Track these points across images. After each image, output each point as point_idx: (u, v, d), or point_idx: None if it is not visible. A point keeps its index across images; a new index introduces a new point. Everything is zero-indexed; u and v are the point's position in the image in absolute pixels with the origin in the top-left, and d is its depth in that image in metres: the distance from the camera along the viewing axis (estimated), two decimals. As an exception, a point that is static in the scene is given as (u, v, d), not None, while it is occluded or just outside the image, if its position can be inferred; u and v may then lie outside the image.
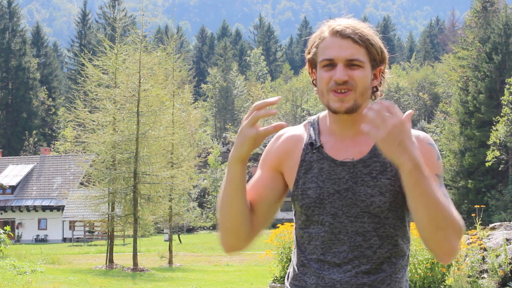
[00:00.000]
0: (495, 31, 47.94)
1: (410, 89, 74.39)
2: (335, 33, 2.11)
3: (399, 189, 2.12)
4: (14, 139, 73.70)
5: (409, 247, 2.23)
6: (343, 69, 2.08)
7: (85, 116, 22.98)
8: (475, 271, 9.36)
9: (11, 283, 13.92)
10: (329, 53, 2.10)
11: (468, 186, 45.51)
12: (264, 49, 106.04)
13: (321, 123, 2.26)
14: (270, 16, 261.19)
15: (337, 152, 2.17)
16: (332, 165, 2.16)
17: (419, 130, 2.21)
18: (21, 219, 51.27)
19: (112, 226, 23.34)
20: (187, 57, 60.20)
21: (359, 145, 2.17)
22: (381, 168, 2.13)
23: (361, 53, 2.09)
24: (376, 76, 2.17)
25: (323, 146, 2.19)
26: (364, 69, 2.10)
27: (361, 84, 2.09)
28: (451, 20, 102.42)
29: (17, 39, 77.81)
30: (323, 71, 2.12)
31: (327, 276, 2.12)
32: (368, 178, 2.12)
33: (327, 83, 2.10)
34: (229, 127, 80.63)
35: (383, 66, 2.17)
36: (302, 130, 2.28)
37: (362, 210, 2.12)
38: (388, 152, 1.92)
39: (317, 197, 2.15)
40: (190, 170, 25.43)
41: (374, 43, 2.12)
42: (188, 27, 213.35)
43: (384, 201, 2.11)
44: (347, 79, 2.07)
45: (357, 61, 2.08)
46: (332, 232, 2.13)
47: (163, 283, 16.49)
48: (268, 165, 2.26)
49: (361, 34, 2.10)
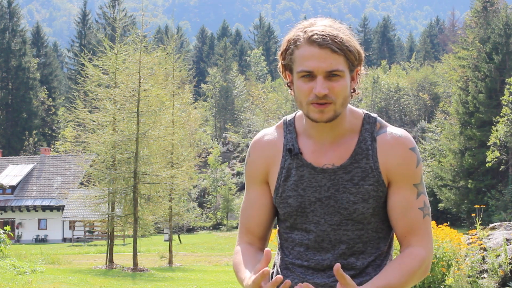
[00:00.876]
0: (495, 31, 47.93)
1: (410, 89, 74.35)
2: (312, 42, 2.02)
3: (382, 194, 2.10)
4: (14, 139, 73.68)
5: (392, 244, 2.23)
6: (323, 82, 2.01)
7: (85, 116, 22.98)
8: (475, 271, 9.36)
9: (11, 283, 13.91)
10: (308, 65, 2.01)
11: (468, 186, 45.50)
12: (264, 49, 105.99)
13: (297, 124, 2.20)
14: (270, 16, 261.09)
15: (317, 158, 2.13)
16: (312, 172, 2.12)
17: (401, 129, 2.16)
18: (21, 219, 51.26)
19: (112, 226, 23.34)
20: (187, 57, 60.21)
21: (339, 149, 2.12)
22: (362, 174, 2.09)
23: (341, 62, 2.02)
24: (354, 78, 2.10)
25: (302, 152, 2.14)
26: (343, 79, 2.03)
27: (341, 95, 2.04)
28: (451, 20, 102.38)
29: (17, 39, 77.77)
30: (301, 81, 2.05)
31: (311, 281, 2.11)
32: (350, 185, 2.09)
33: (306, 95, 2.04)
34: (229, 127, 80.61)
35: (359, 67, 2.11)
36: (277, 133, 2.23)
37: (345, 218, 2.10)
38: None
39: (298, 206, 2.12)
40: (190, 170, 25.42)
41: (352, 48, 2.04)
42: (188, 27, 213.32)
43: (368, 207, 2.09)
44: (327, 92, 2.01)
45: (337, 72, 2.01)
46: (315, 241, 2.11)
47: (163, 283, 16.48)
48: (258, 180, 2.22)
49: (340, 42, 2.01)
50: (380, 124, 2.16)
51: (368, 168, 2.09)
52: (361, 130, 2.14)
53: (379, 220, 2.14)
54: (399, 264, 2.06)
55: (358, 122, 2.15)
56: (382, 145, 2.11)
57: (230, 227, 53.88)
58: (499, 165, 43.78)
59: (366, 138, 2.12)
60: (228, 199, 54.18)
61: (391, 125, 2.17)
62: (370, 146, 2.11)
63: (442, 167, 47.52)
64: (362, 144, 2.11)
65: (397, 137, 2.12)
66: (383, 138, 2.12)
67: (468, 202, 44.01)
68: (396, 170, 2.09)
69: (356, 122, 2.15)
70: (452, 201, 46.05)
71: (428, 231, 2.12)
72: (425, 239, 2.10)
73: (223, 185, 55.72)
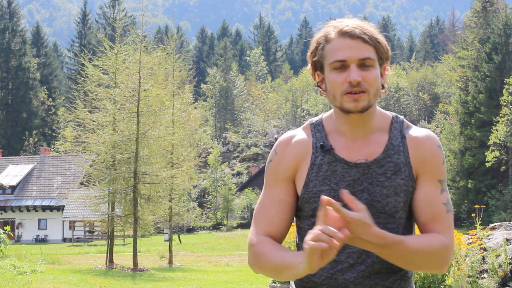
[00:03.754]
0: (495, 31, 47.94)
1: (410, 89, 74.38)
2: (344, 34, 2.09)
3: (411, 189, 2.15)
4: (14, 139, 73.68)
5: None
6: (357, 70, 2.06)
7: (85, 116, 22.98)
8: (475, 271, 9.36)
9: (11, 283, 13.91)
10: (341, 54, 2.07)
11: (468, 186, 45.50)
12: (264, 49, 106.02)
13: (326, 124, 2.23)
14: (270, 16, 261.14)
15: (349, 153, 2.16)
16: (345, 167, 2.15)
17: (427, 129, 2.23)
18: (21, 219, 51.25)
19: (112, 226, 23.34)
20: (187, 57, 60.17)
21: (371, 144, 2.17)
22: (395, 168, 2.14)
23: (372, 52, 2.09)
24: (382, 73, 2.16)
25: (333, 148, 2.17)
26: (375, 69, 2.10)
27: (374, 84, 2.09)
28: (451, 20, 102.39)
29: (17, 39, 77.77)
30: (334, 73, 2.10)
31: (340, 277, 2.12)
32: (382, 178, 2.13)
33: (340, 86, 2.08)
34: (229, 127, 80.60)
35: (387, 64, 2.18)
36: (304, 133, 2.25)
37: (378, 211, 2.12)
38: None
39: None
40: (190, 170, 25.42)
41: (381, 41, 2.12)
42: (188, 27, 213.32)
43: (399, 201, 2.13)
44: (361, 80, 2.06)
45: (369, 60, 2.08)
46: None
47: (163, 283, 16.49)
48: (282, 178, 2.22)
49: (370, 34, 2.09)
50: (407, 124, 2.24)
51: (400, 163, 2.15)
52: (390, 128, 2.20)
53: (407, 217, 2.19)
54: (419, 235, 2.11)
55: (387, 121, 2.22)
56: (412, 141, 2.18)
57: (230, 227, 53.88)
58: (499, 165, 43.79)
59: (396, 135, 2.19)
60: (228, 199, 54.17)
61: (415, 126, 2.26)
62: (401, 142, 2.18)
63: (442, 167, 47.49)
64: (393, 140, 2.18)
65: (426, 134, 2.20)
66: (412, 135, 2.20)
67: (468, 202, 44.02)
68: (424, 165, 2.16)
69: (385, 121, 2.22)
70: (452, 201, 45.63)
71: (451, 226, 2.14)
72: (447, 231, 2.11)
73: (223, 185, 55.71)
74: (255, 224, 2.23)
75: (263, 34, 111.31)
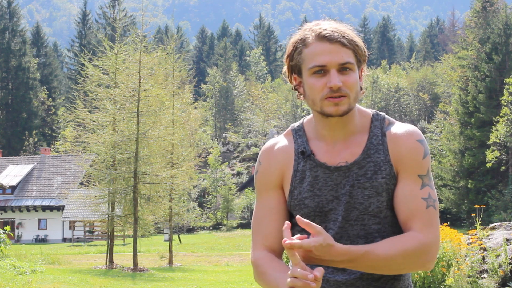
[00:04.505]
0: (494, 31, 47.93)
1: (410, 89, 74.35)
2: (323, 38, 2.07)
3: (393, 187, 2.13)
4: (14, 139, 73.68)
5: None
6: (337, 75, 2.05)
7: (85, 116, 22.98)
8: (475, 271, 9.36)
9: (11, 283, 13.91)
10: (321, 59, 2.06)
11: (468, 186, 45.49)
12: (264, 49, 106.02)
13: (307, 129, 2.23)
14: (270, 16, 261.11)
15: (330, 157, 2.16)
16: (326, 171, 2.14)
17: (409, 124, 2.20)
18: (21, 219, 51.25)
19: (112, 226, 23.34)
20: (187, 57, 60.19)
21: (351, 146, 2.16)
22: (375, 168, 2.13)
23: (351, 56, 2.08)
24: (360, 76, 2.15)
25: (314, 153, 2.17)
26: (354, 72, 2.09)
27: (354, 88, 2.08)
28: (451, 20, 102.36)
29: (17, 39, 77.76)
30: (313, 78, 2.08)
31: (332, 279, 2.12)
32: (363, 179, 2.12)
33: (320, 91, 2.07)
34: (229, 127, 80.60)
35: (364, 66, 2.16)
36: (287, 140, 2.24)
37: (361, 213, 2.12)
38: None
39: (316, 206, 2.14)
40: (190, 170, 25.42)
41: (359, 44, 2.11)
42: (188, 27, 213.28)
43: (382, 200, 2.12)
44: (341, 85, 2.05)
45: (349, 64, 2.06)
46: (334, 238, 2.11)
47: (163, 283, 16.49)
48: (270, 187, 2.22)
49: (348, 37, 2.08)
50: (388, 120, 2.21)
51: (380, 161, 2.13)
52: (370, 127, 2.18)
53: (394, 214, 2.15)
54: (392, 239, 2.06)
55: (367, 120, 2.20)
56: (392, 138, 2.16)
57: (230, 227, 53.88)
58: (499, 165, 43.78)
59: (377, 133, 2.17)
60: (228, 199, 54.17)
61: (399, 122, 2.23)
62: (381, 141, 2.16)
63: (442, 167, 47.52)
64: (373, 139, 2.16)
65: (406, 129, 2.16)
66: (392, 131, 2.17)
67: (468, 202, 44.01)
68: (402, 160, 2.13)
69: (365, 120, 2.19)
70: (452, 201, 46.05)
71: (432, 222, 2.08)
72: (427, 228, 2.06)
73: (223, 185, 55.71)
74: (253, 238, 2.24)
75: (263, 34, 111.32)
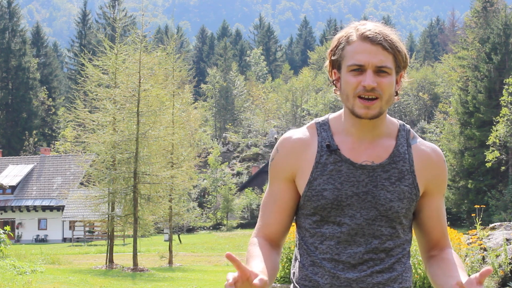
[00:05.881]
0: (494, 31, 47.94)
1: (410, 89, 74.34)
2: (365, 38, 2.12)
3: (414, 197, 2.20)
4: (14, 139, 73.67)
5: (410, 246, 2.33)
6: (372, 76, 2.10)
7: (85, 116, 22.98)
8: (475, 271, 9.36)
9: (11, 283, 13.91)
10: (359, 59, 2.11)
11: (468, 186, 45.50)
12: (264, 49, 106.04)
13: (333, 125, 2.26)
14: (270, 16, 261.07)
15: (355, 155, 2.19)
16: (350, 167, 2.18)
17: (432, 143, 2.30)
18: (21, 219, 51.25)
19: (112, 226, 23.34)
20: (187, 57, 60.21)
21: (377, 149, 2.20)
22: (399, 175, 2.18)
23: (390, 60, 2.12)
24: (397, 80, 2.19)
25: (339, 148, 2.20)
26: (391, 76, 2.13)
27: (388, 92, 2.13)
28: (451, 20, 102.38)
29: (17, 39, 77.76)
30: (350, 75, 2.13)
31: (343, 276, 2.15)
32: (387, 183, 2.17)
33: (354, 88, 2.12)
34: (229, 127, 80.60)
35: (403, 72, 2.21)
36: (308, 132, 2.27)
37: (380, 214, 2.16)
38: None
39: (334, 199, 2.16)
40: (190, 170, 25.43)
41: (401, 49, 2.15)
42: (188, 27, 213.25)
43: (402, 207, 2.17)
44: (376, 86, 2.09)
45: (385, 68, 2.11)
46: (349, 234, 2.16)
47: (163, 283, 16.49)
48: (281, 176, 2.25)
49: (391, 41, 2.12)
50: (413, 134, 2.29)
51: (404, 170, 2.19)
52: (397, 135, 2.25)
53: (407, 223, 2.24)
54: (455, 260, 2.23)
55: (394, 128, 2.26)
56: (418, 153, 2.24)
57: (230, 227, 53.89)
58: (499, 165, 43.78)
59: (403, 143, 2.24)
60: (228, 199, 54.17)
61: (420, 137, 2.33)
62: (406, 151, 2.23)
63: (442, 167, 47.47)
64: (400, 147, 2.22)
65: (433, 148, 2.27)
66: (419, 146, 2.26)
67: (468, 202, 44.02)
68: (434, 180, 2.24)
69: (393, 127, 2.26)
70: (452, 201, 46.06)
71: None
72: (449, 242, 2.33)
73: (223, 185, 55.71)
74: (259, 221, 2.31)
75: (263, 34, 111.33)
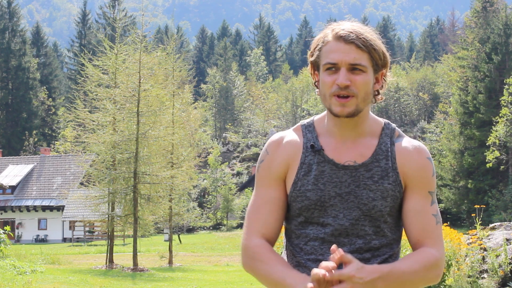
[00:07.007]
0: (494, 31, 47.93)
1: (410, 89, 74.35)
2: (339, 38, 2.14)
3: (398, 194, 2.19)
4: (14, 139, 73.66)
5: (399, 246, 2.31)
6: (345, 74, 2.11)
7: (85, 116, 22.99)
8: (475, 271, 9.36)
9: (11, 283, 13.91)
10: (333, 57, 2.13)
11: (468, 186, 45.49)
12: (264, 49, 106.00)
13: (317, 126, 2.28)
14: (270, 16, 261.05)
15: (338, 155, 2.20)
16: (333, 168, 2.19)
17: (417, 141, 2.27)
18: (21, 219, 51.25)
19: (112, 226, 23.34)
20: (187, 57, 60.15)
21: (360, 147, 2.21)
22: (382, 173, 2.18)
23: (364, 58, 2.13)
24: (378, 79, 2.21)
25: (323, 148, 2.21)
26: (366, 74, 2.14)
27: (363, 89, 2.14)
28: (451, 20, 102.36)
29: (17, 39, 77.73)
30: (326, 74, 2.15)
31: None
32: (370, 182, 2.17)
33: (329, 87, 2.14)
34: (229, 127, 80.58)
35: (385, 70, 2.22)
36: (295, 134, 2.28)
37: (363, 214, 2.16)
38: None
39: (317, 200, 2.17)
40: (190, 170, 25.43)
41: (377, 47, 2.16)
42: (188, 27, 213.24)
43: (385, 205, 2.17)
44: (349, 83, 2.11)
45: (359, 66, 2.12)
46: (332, 234, 2.16)
47: (163, 283, 16.49)
48: (274, 177, 2.26)
49: (364, 39, 2.13)
50: (398, 132, 2.29)
51: (387, 168, 2.19)
52: (381, 134, 2.25)
53: (394, 221, 2.23)
54: (411, 255, 2.15)
55: (378, 127, 2.27)
56: (401, 150, 2.23)
57: (230, 227, 53.88)
58: (499, 165, 43.77)
59: (386, 141, 2.24)
60: (228, 199, 54.17)
61: (407, 136, 2.31)
62: (390, 149, 2.22)
63: (442, 167, 47.51)
64: (382, 146, 2.23)
65: (415, 145, 2.24)
66: (402, 144, 2.25)
67: (468, 202, 44.00)
68: (414, 175, 2.21)
69: (376, 126, 2.26)
70: (452, 201, 46.05)
71: (441, 238, 2.21)
72: (438, 244, 2.18)
73: (223, 185, 55.71)
74: (248, 225, 2.25)
75: (263, 34, 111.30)
